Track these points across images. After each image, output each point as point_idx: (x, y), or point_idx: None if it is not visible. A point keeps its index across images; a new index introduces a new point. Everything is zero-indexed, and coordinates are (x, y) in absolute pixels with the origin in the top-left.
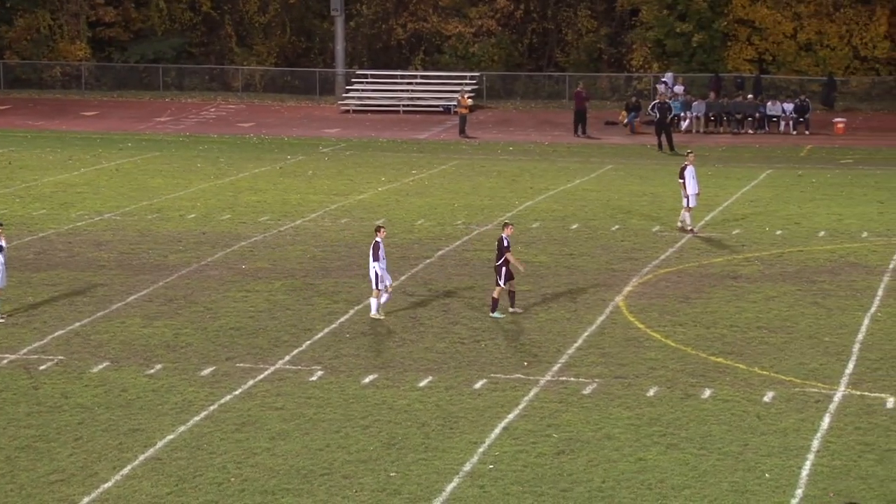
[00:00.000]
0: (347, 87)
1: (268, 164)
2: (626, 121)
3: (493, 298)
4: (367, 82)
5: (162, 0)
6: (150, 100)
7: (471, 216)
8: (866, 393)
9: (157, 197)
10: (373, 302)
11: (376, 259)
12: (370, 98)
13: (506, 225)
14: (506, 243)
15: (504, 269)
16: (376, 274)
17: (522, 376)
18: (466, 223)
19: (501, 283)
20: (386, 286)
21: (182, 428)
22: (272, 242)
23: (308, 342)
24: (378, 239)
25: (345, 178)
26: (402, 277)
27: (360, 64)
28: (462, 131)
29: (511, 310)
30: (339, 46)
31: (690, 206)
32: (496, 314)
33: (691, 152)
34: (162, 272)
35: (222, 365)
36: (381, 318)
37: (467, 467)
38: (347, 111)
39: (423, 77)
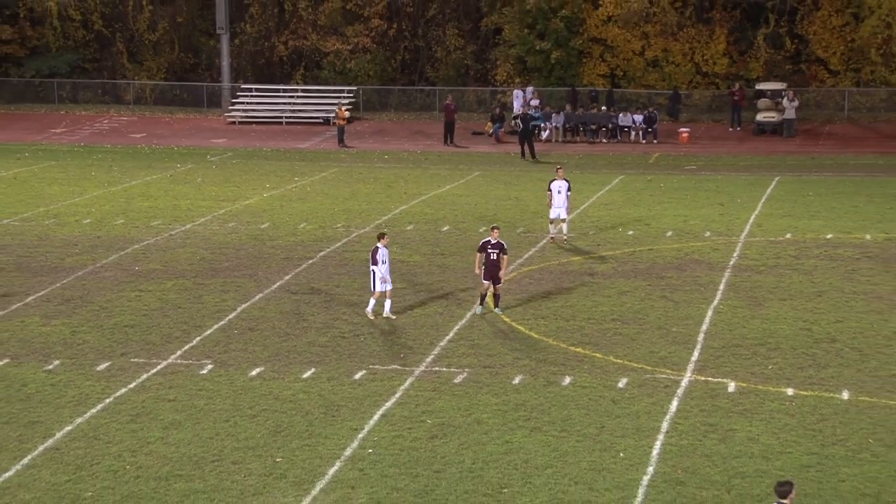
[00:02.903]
0: (233, 100)
1: (159, 172)
2: (491, 131)
3: (483, 294)
4: (252, 96)
5: (56, 19)
6: (45, 112)
7: (350, 220)
8: (710, 378)
9: (53, 203)
10: (371, 302)
11: (374, 263)
12: (255, 110)
13: (493, 227)
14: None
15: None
16: (374, 274)
17: (399, 367)
18: (346, 226)
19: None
20: (385, 290)
21: (79, 419)
22: (164, 245)
23: (198, 338)
24: (378, 245)
25: (232, 184)
26: (287, 277)
27: (244, 78)
28: (341, 141)
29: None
30: (225, 62)
31: (551, 217)
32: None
33: (560, 168)
34: (59, 274)
35: (117, 360)
36: (373, 318)
37: (348, 452)
38: (233, 122)
39: (303, 91)
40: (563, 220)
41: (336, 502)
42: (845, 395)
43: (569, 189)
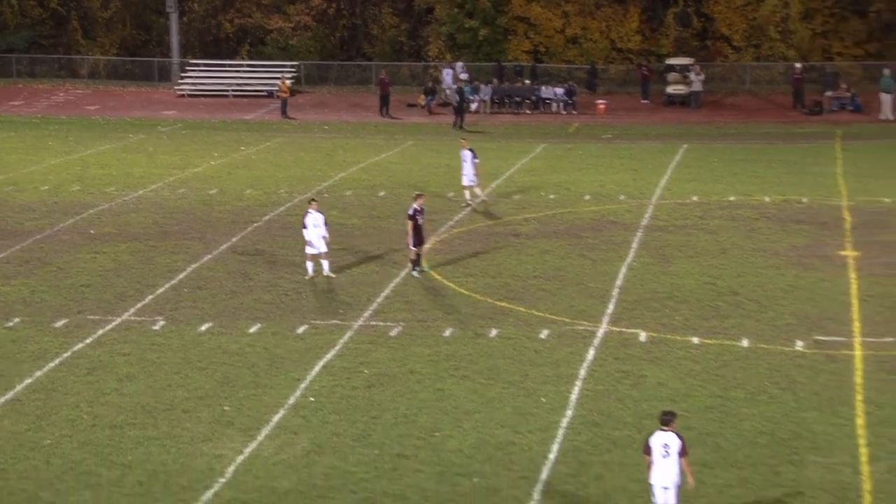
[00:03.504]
0: (182, 75)
1: (112, 142)
2: (423, 103)
3: (414, 258)
4: (200, 70)
5: None
6: (4, 86)
7: (292, 186)
8: (623, 329)
9: (12, 171)
10: (308, 264)
11: (304, 227)
12: (203, 84)
13: (417, 196)
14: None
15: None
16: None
17: (338, 322)
18: (289, 192)
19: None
20: (316, 253)
21: (39, 373)
22: (118, 210)
23: (151, 296)
24: (309, 210)
25: (181, 153)
26: (234, 239)
27: (193, 54)
28: (284, 113)
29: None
30: (175, 39)
31: (464, 184)
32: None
33: (464, 139)
34: (18, 237)
35: (74, 317)
36: (311, 277)
37: (291, 400)
38: (183, 96)
39: (248, 66)
40: (468, 187)
41: (280, 447)
42: (745, 343)
43: (474, 157)
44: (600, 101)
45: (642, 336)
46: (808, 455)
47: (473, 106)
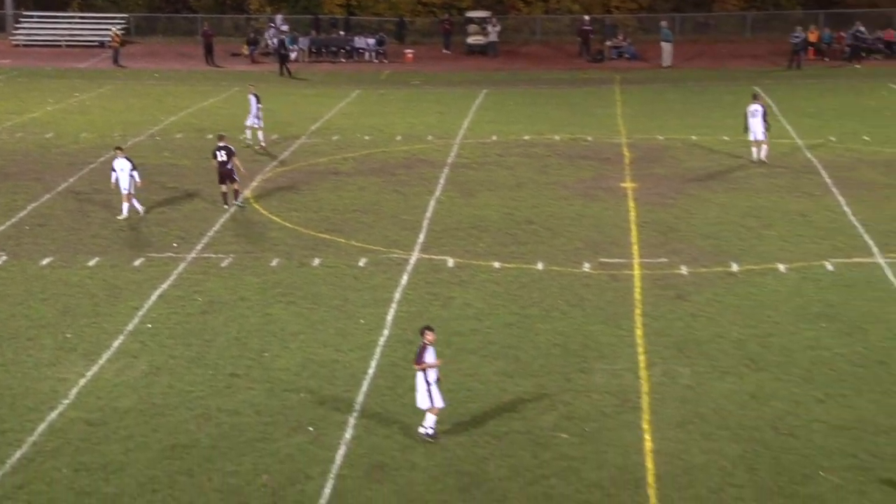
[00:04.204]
0: (16, 26)
1: None
2: (247, 52)
3: (223, 193)
4: (34, 21)
5: None
6: None
7: (126, 129)
8: (433, 256)
9: None
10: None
11: (112, 170)
12: (37, 35)
13: (220, 137)
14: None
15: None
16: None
17: (173, 255)
18: (122, 135)
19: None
20: (124, 193)
21: None
22: None
23: None
24: (117, 156)
25: (18, 100)
26: (71, 179)
27: (26, 6)
28: (115, 61)
29: (235, 202)
30: None
31: (247, 124)
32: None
33: (252, 84)
34: None
35: None
36: (141, 214)
37: (130, 327)
38: (18, 45)
39: (80, 17)
40: (251, 127)
41: (121, 370)
42: (540, 266)
43: (258, 101)
44: (408, 51)
45: (450, 262)
46: (596, 363)
47: (293, 55)
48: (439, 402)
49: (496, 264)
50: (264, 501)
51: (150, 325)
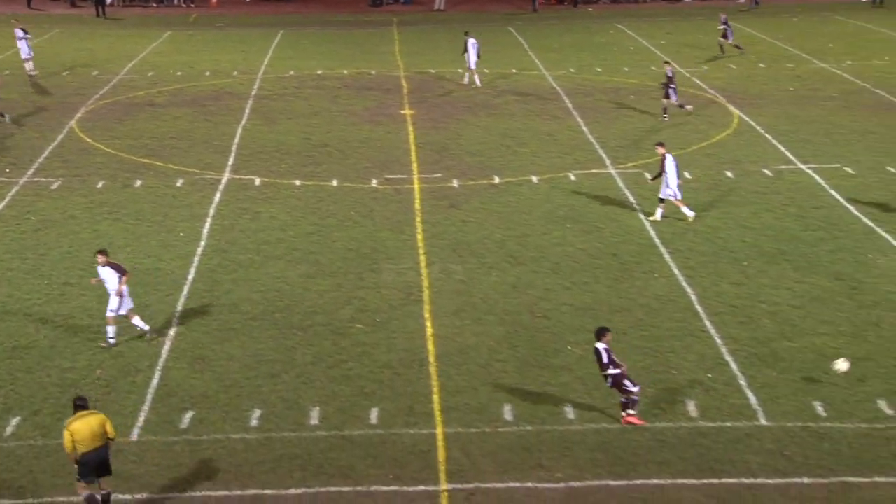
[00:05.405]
0: None
1: None
2: None
3: None
4: None
5: None
6: None
7: None
8: (242, 176)
9: None
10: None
11: None
12: None
13: None
14: None
15: None
16: None
17: (5, 179)
18: None
19: None
20: None
21: None
22: None
23: None
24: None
25: None
26: None
27: None
28: None
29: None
30: None
31: (24, 57)
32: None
33: (17, 20)
34: None
35: None
36: None
37: None
38: None
39: None
40: (27, 60)
41: None
42: (335, 183)
43: (26, 34)
44: None
45: (257, 181)
46: (384, 264)
47: (109, 0)
48: None
49: (297, 182)
50: (99, 392)
51: None
